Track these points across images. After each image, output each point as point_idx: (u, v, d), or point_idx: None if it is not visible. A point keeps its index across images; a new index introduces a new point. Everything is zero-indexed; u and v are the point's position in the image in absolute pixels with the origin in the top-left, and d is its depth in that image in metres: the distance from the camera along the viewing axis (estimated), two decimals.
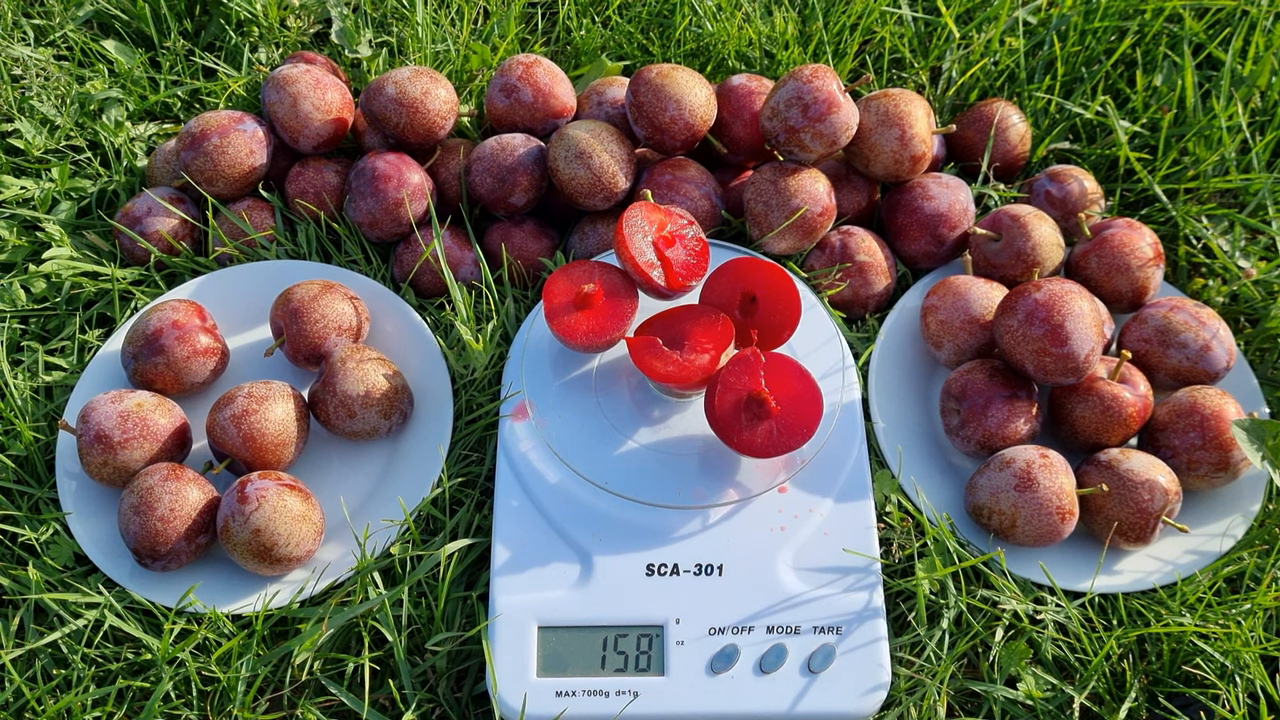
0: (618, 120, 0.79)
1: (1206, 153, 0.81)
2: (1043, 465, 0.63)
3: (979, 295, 0.70)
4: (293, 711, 0.59)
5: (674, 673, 0.57)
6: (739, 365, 0.60)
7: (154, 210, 0.75)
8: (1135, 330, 0.70)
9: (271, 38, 0.90)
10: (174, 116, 0.88)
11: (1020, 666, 0.60)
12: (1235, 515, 0.66)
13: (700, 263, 0.64)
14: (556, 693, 0.57)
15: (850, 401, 0.67)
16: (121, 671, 0.59)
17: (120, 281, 0.74)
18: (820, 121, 0.69)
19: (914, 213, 0.75)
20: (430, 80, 0.74)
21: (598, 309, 0.63)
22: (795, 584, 0.60)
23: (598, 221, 0.76)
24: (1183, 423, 0.65)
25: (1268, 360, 0.74)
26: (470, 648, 0.61)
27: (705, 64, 0.89)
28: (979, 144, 0.81)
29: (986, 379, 0.67)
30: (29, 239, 0.78)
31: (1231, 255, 0.77)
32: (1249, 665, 0.60)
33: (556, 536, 0.61)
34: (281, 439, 0.63)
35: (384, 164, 0.73)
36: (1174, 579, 0.63)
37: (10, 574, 0.62)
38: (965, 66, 0.88)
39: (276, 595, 0.60)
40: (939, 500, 0.66)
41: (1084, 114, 0.83)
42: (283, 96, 0.74)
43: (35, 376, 0.71)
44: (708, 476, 0.63)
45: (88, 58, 0.89)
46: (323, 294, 0.68)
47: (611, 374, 0.67)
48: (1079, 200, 0.77)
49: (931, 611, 0.62)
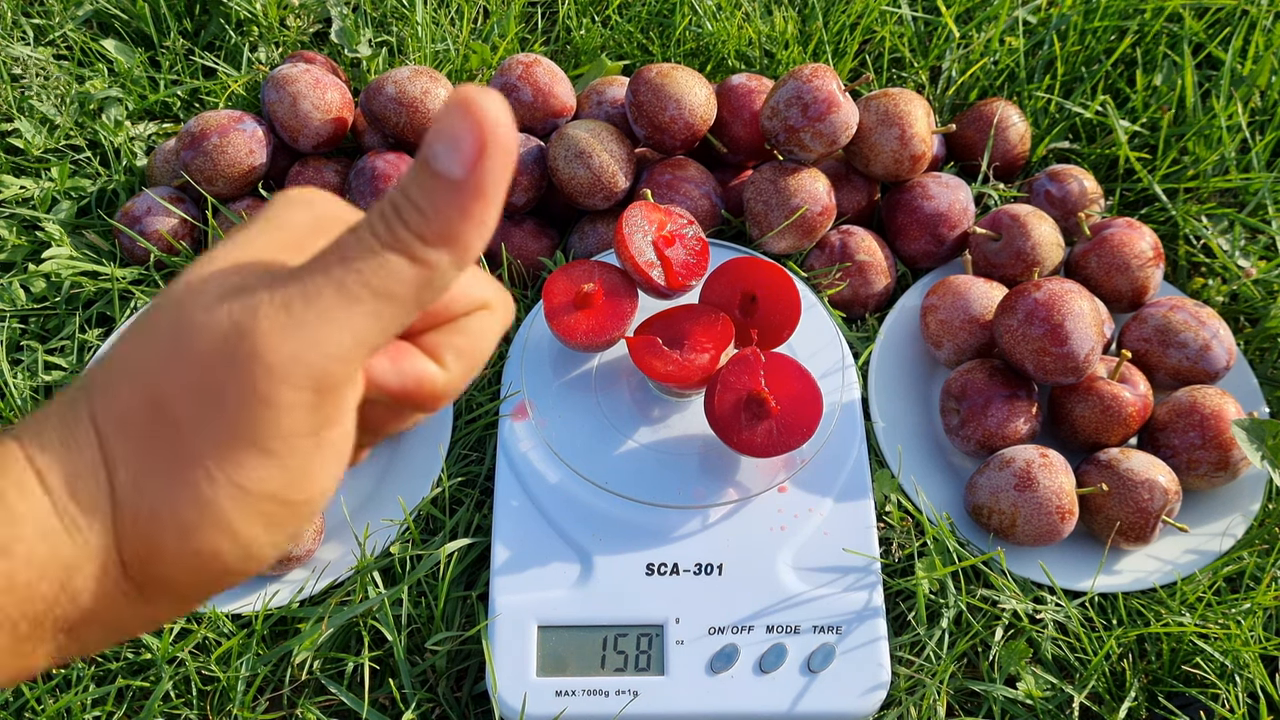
0: (618, 120, 0.78)
1: (1206, 152, 0.81)
2: (1043, 465, 0.63)
3: (979, 295, 0.70)
4: (292, 711, 0.59)
5: (674, 672, 0.57)
6: (739, 365, 0.60)
7: (154, 210, 0.75)
8: (1135, 330, 0.70)
9: (271, 37, 0.90)
10: (174, 116, 0.88)
11: (1020, 666, 0.60)
12: (1235, 515, 0.66)
13: (700, 262, 0.64)
14: (556, 692, 0.57)
15: (850, 401, 0.67)
16: (121, 671, 0.59)
17: (120, 281, 0.74)
18: (820, 121, 0.69)
19: (914, 212, 0.75)
20: (430, 80, 0.74)
21: (597, 309, 0.63)
22: (795, 584, 0.60)
23: (597, 221, 0.76)
24: (1183, 422, 0.65)
25: (1268, 360, 0.74)
26: (470, 647, 0.61)
27: (705, 64, 0.89)
28: (979, 144, 0.81)
29: (986, 379, 0.67)
30: (29, 238, 0.77)
31: (1231, 255, 0.77)
32: (1249, 665, 0.60)
33: (556, 536, 0.61)
34: None
35: (384, 164, 0.73)
36: (1174, 579, 0.63)
37: None
38: (965, 66, 0.88)
39: (276, 595, 0.60)
40: (939, 500, 0.66)
41: (1084, 114, 0.83)
42: (282, 96, 0.74)
43: (35, 376, 0.71)
44: (708, 476, 0.63)
45: (87, 57, 0.89)
46: None
47: (611, 374, 0.67)
48: (1079, 200, 0.77)
49: (931, 611, 0.62)
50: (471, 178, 0.23)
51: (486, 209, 0.23)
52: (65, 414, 0.24)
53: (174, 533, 0.23)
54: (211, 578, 0.24)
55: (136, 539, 0.23)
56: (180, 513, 0.23)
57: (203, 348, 0.23)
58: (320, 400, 0.23)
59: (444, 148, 0.22)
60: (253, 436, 0.23)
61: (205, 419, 0.23)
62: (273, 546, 0.25)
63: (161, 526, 0.23)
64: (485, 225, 0.24)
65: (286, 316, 0.23)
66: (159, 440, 0.23)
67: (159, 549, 0.23)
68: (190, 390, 0.23)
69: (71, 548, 0.23)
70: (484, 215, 0.23)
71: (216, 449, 0.23)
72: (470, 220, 0.23)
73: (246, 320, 0.23)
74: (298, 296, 0.23)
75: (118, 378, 0.24)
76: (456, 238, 0.23)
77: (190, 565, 0.24)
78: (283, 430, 0.23)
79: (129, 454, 0.23)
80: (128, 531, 0.23)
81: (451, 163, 0.22)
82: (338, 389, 0.24)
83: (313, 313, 0.23)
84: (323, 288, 0.23)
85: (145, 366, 0.24)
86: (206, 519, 0.23)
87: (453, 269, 0.24)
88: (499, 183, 0.23)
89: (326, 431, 0.24)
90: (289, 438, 0.23)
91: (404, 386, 0.27)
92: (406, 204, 0.23)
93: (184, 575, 0.24)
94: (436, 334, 0.28)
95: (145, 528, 0.23)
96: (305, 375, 0.23)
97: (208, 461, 0.23)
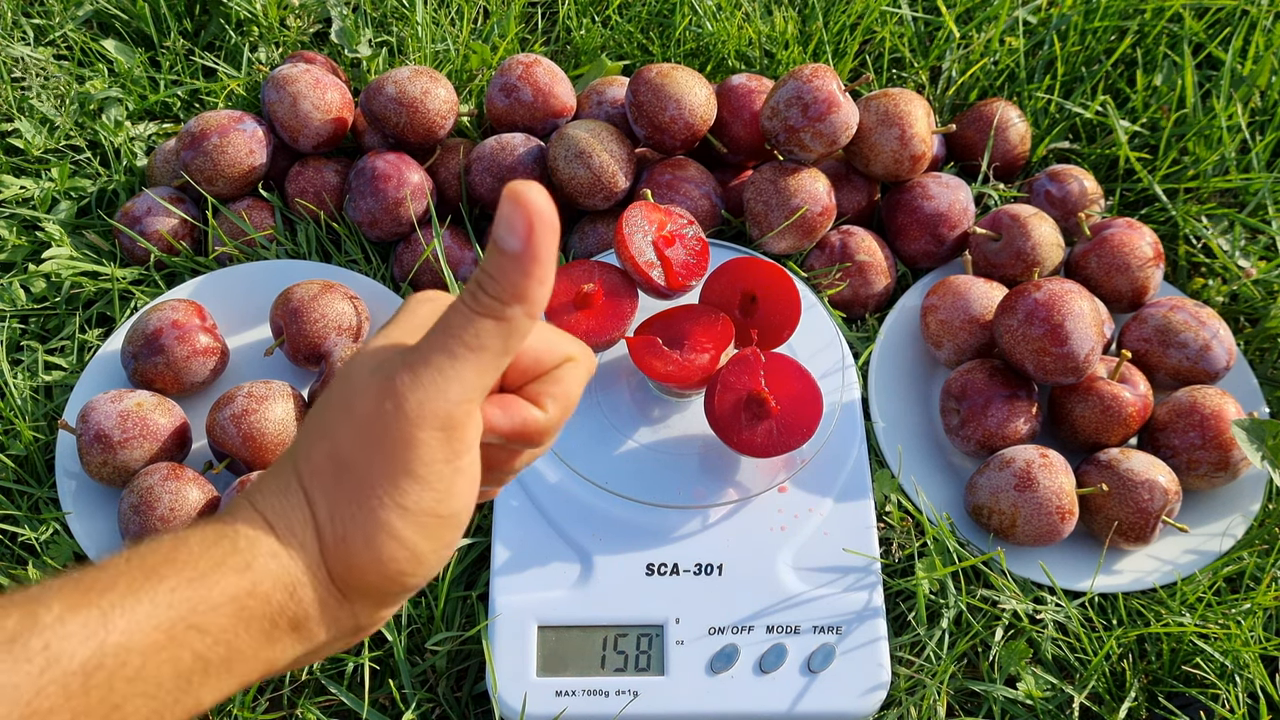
0: (618, 120, 0.78)
1: (1206, 152, 0.81)
2: (1043, 465, 0.63)
3: (979, 295, 0.70)
4: (292, 711, 0.59)
5: (674, 672, 0.57)
6: (739, 365, 0.60)
7: (154, 210, 0.75)
8: (1135, 330, 0.70)
9: (271, 37, 0.90)
10: (174, 116, 0.88)
11: (1020, 666, 0.60)
12: (1235, 515, 0.66)
13: (700, 262, 0.64)
14: (556, 692, 0.57)
15: (850, 401, 0.67)
16: None
17: (120, 281, 0.74)
18: (820, 121, 0.69)
19: (914, 212, 0.75)
20: (430, 80, 0.74)
21: (597, 309, 0.63)
22: (795, 584, 0.60)
23: (598, 221, 0.76)
24: (1183, 422, 0.65)
25: (1268, 360, 0.74)
26: (470, 647, 0.61)
27: (705, 64, 0.89)
28: (979, 144, 0.81)
29: (986, 379, 0.67)
30: (29, 239, 0.78)
31: (1231, 255, 0.77)
32: (1249, 665, 0.60)
33: (556, 536, 0.61)
34: (281, 439, 0.63)
35: (384, 164, 0.73)
36: (1174, 579, 0.63)
37: (10, 574, 0.62)
38: (965, 66, 0.88)
39: None
40: (939, 500, 0.66)
41: (1084, 114, 0.83)
42: (282, 96, 0.74)
43: (35, 376, 0.71)
44: (708, 476, 0.63)
45: (87, 57, 0.89)
46: (322, 294, 0.68)
47: (611, 374, 0.67)
48: (1079, 200, 0.77)
49: (931, 611, 0.62)
50: (528, 248, 0.30)
51: (542, 269, 0.31)
52: (278, 473, 0.33)
53: (361, 546, 0.32)
54: (392, 580, 0.32)
55: (336, 556, 0.32)
56: (364, 530, 0.31)
57: (362, 409, 0.32)
58: (449, 435, 0.31)
59: (505, 231, 0.30)
60: (406, 468, 0.31)
61: (371, 460, 0.31)
62: (434, 553, 0.33)
63: (352, 543, 0.32)
64: (544, 282, 0.31)
65: (413, 378, 0.31)
66: (342, 482, 0.32)
67: (352, 561, 0.32)
68: (358, 441, 0.32)
69: (293, 566, 0.32)
70: (542, 274, 0.31)
71: (383, 480, 0.31)
72: (531, 279, 0.31)
73: (387, 385, 0.31)
74: (420, 363, 0.31)
75: (308, 440, 0.33)
76: (524, 294, 0.31)
77: (376, 570, 0.32)
78: (425, 460, 0.31)
79: (323, 495, 0.32)
80: (329, 551, 0.32)
81: (512, 240, 0.30)
82: (461, 426, 0.32)
83: (431, 372, 0.31)
84: (437, 353, 0.31)
85: (325, 429, 0.33)
86: (382, 532, 0.31)
87: (526, 320, 0.32)
88: (549, 248, 0.30)
89: (458, 460, 0.32)
90: (431, 464, 0.31)
91: (513, 428, 0.35)
92: (485, 278, 0.31)
93: (373, 579, 0.32)
94: (535, 385, 0.36)
95: (341, 546, 0.32)
96: (434, 418, 0.31)
97: (379, 491, 0.31)
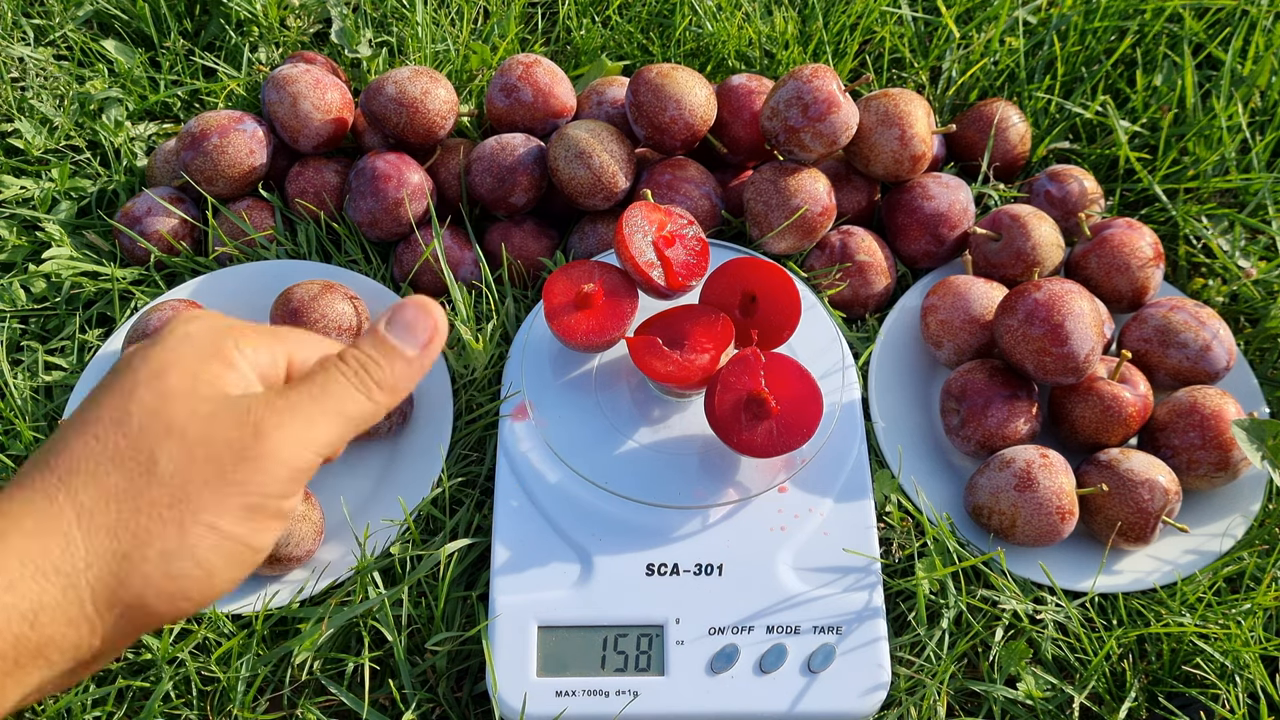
0: (618, 120, 0.78)
1: (1206, 153, 0.81)
2: (1043, 465, 0.63)
3: (979, 295, 0.70)
4: (293, 711, 0.59)
5: (674, 672, 0.57)
6: (739, 365, 0.60)
7: (154, 210, 0.75)
8: (1135, 330, 0.70)
9: (271, 37, 0.90)
10: (174, 116, 0.88)
11: (1020, 666, 0.60)
12: (1235, 515, 0.66)
13: (700, 262, 0.64)
14: (556, 692, 0.57)
15: (850, 401, 0.67)
16: (121, 671, 0.59)
17: (120, 281, 0.74)
18: (820, 121, 0.69)
19: (914, 212, 0.75)
20: (430, 80, 0.74)
21: (598, 309, 0.63)
22: (795, 584, 0.60)
23: (598, 221, 0.76)
24: (1183, 422, 0.65)
25: (1268, 360, 0.74)
26: (470, 648, 0.61)
27: (705, 64, 0.89)
28: (979, 144, 0.81)
29: (986, 379, 0.67)
30: (29, 239, 0.78)
31: (1231, 255, 0.77)
32: (1249, 665, 0.60)
33: (556, 536, 0.61)
34: None
35: (384, 164, 0.73)
36: (1174, 579, 0.63)
37: None
38: (965, 66, 0.88)
39: (276, 595, 0.60)
40: (939, 500, 0.66)
41: (1084, 114, 0.83)
42: (282, 96, 0.74)
43: (35, 376, 0.71)
44: (708, 476, 0.63)
45: (87, 57, 0.89)
46: (323, 294, 0.68)
47: (611, 374, 0.67)
48: (1079, 200, 0.77)
49: (931, 611, 0.62)
50: (423, 358, 0.36)
51: (421, 375, 0.37)
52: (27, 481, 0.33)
53: (154, 560, 0.31)
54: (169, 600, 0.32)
55: (107, 569, 0.31)
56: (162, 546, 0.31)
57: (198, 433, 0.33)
58: (293, 479, 0.34)
59: (405, 335, 0.36)
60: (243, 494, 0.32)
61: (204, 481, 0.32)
62: (227, 583, 0.33)
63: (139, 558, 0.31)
64: (415, 383, 0.37)
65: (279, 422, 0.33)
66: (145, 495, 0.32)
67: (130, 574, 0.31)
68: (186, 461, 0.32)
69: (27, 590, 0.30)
70: (419, 378, 0.37)
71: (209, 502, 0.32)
72: (413, 382, 0.37)
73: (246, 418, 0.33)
74: (287, 410, 0.34)
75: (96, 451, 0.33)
76: (400, 391, 0.37)
77: (157, 588, 0.32)
78: (266, 492, 0.33)
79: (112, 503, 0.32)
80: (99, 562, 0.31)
81: (410, 347, 0.36)
82: (306, 474, 0.34)
83: (300, 423, 0.34)
84: (309, 407, 0.34)
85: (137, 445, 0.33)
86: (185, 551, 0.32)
87: (389, 406, 0.37)
88: (433, 359, 0.37)
89: (287, 500, 0.34)
90: (268, 498, 0.33)
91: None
92: (372, 364, 0.36)
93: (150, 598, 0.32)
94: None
95: (122, 561, 0.31)
96: (290, 460, 0.33)
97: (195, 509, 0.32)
